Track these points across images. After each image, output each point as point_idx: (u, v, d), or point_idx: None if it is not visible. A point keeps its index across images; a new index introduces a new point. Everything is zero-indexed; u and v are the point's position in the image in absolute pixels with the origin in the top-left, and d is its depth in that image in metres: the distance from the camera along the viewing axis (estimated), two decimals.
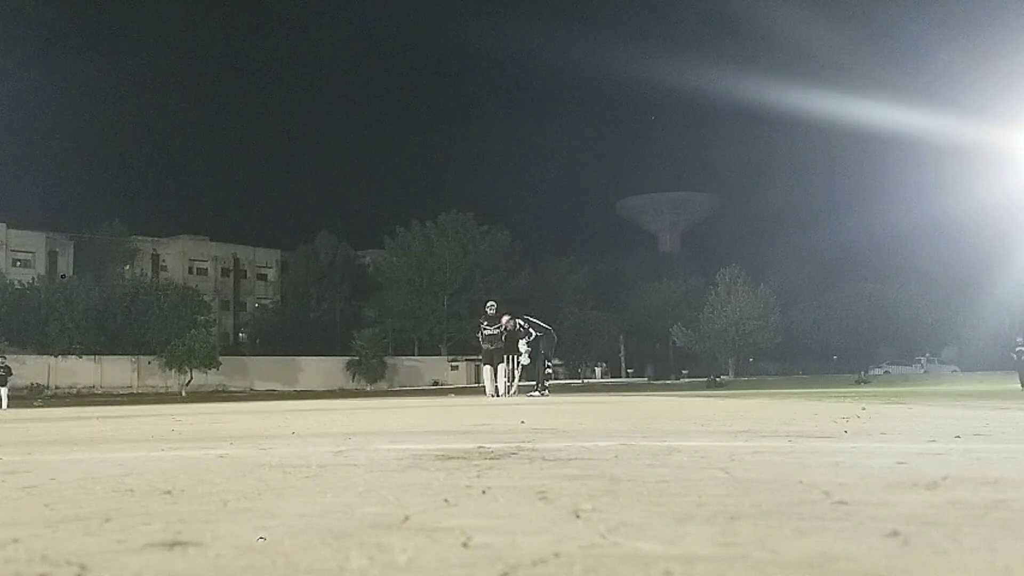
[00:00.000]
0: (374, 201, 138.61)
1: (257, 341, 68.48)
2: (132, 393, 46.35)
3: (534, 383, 16.38)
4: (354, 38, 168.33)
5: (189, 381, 48.91)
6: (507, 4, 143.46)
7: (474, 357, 52.14)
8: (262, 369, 55.66)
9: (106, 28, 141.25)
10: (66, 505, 1.85)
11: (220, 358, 51.23)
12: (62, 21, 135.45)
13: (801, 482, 1.99)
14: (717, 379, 47.64)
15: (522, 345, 16.44)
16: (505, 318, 16.64)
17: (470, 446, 3.28)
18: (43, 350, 49.51)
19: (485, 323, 16.85)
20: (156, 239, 69.83)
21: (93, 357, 50.58)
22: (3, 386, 24.38)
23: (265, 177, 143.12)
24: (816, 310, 63.59)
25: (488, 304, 17.52)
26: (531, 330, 16.56)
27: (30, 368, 46.37)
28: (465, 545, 1.31)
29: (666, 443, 3.30)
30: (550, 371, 16.76)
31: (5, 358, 27.21)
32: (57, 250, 64.15)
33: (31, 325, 49.62)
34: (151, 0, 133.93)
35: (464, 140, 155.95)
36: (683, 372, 64.63)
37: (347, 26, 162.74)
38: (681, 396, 16.66)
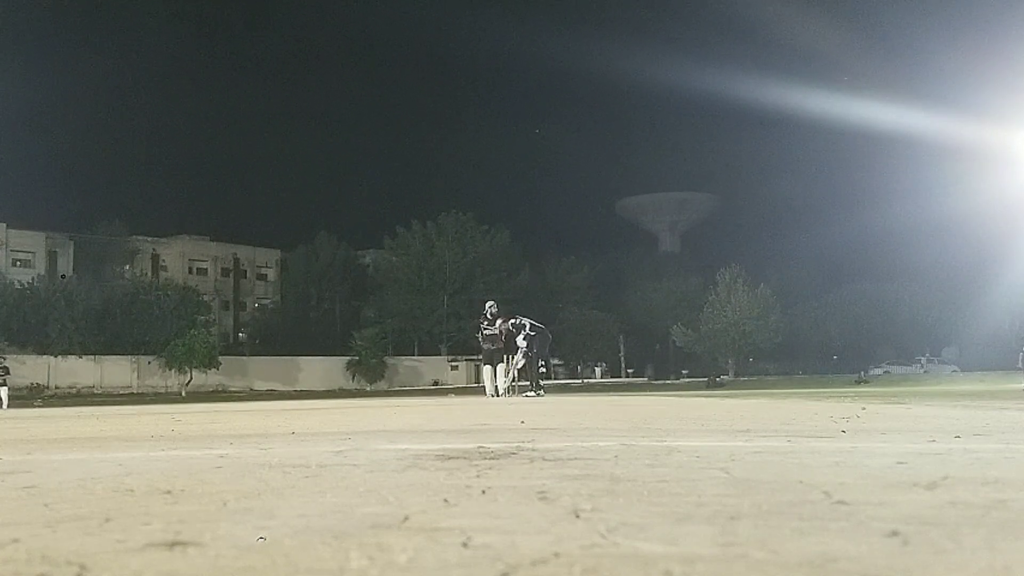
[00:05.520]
0: (374, 201, 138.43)
1: (257, 341, 68.46)
2: (132, 393, 46.36)
3: (529, 383, 16.41)
4: (354, 38, 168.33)
5: (189, 381, 48.91)
6: (507, 4, 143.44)
7: (474, 357, 52.13)
8: (262, 369, 55.67)
9: (106, 28, 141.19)
10: (66, 505, 1.85)
11: (220, 358, 51.24)
12: (62, 21, 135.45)
13: (801, 482, 1.99)
14: (717, 379, 47.68)
15: (520, 340, 16.45)
16: (499, 321, 16.66)
17: (470, 446, 3.28)
18: (43, 350, 49.51)
19: (485, 323, 16.87)
20: (156, 239, 69.78)
21: (93, 357, 50.59)
22: (3, 386, 24.46)
23: (265, 177, 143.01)
24: (816, 310, 63.55)
25: (488, 304, 17.55)
26: (524, 323, 16.61)
27: (30, 368, 46.41)
28: (465, 545, 1.31)
29: (666, 443, 3.30)
30: (543, 370, 16.76)
31: (5, 358, 27.24)
32: (57, 250, 64.11)
33: (31, 325, 49.61)
34: (151, 0, 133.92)
35: (464, 140, 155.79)
36: (683, 372, 64.62)
37: (347, 26, 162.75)
38: (681, 396, 16.67)
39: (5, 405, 23.21)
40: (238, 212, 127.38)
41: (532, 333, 16.67)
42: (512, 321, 16.70)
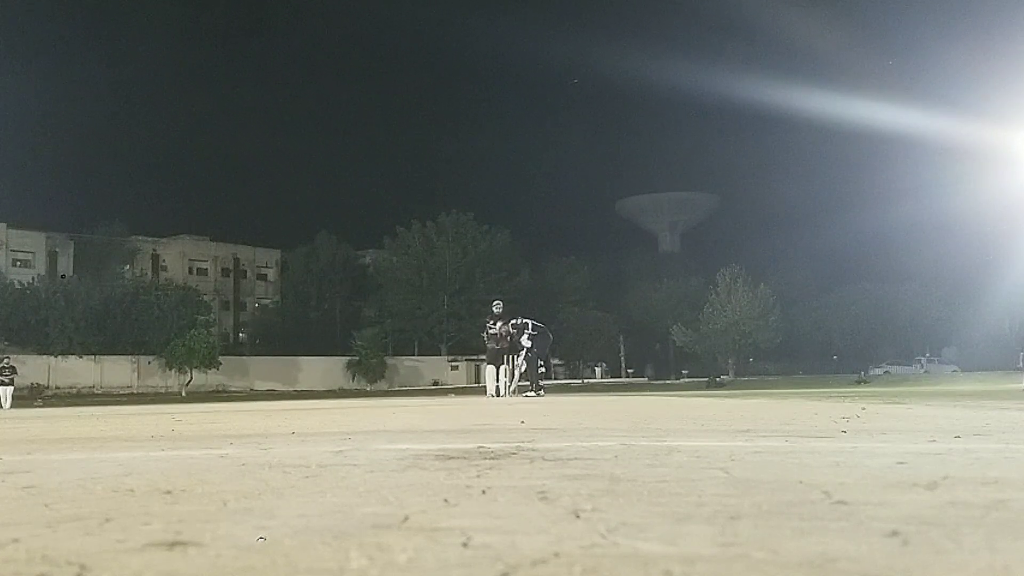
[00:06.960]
0: (374, 201, 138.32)
1: (257, 341, 68.48)
2: (132, 393, 46.37)
3: (529, 383, 16.42)
4: (353, 38, 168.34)
5: (189, 381, 48.91)
6: (507, 4, 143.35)
7: (474, 357, 52.18)
8: (262, 369, 55.67)
9: (106, 28, 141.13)
10: (66, 505, 1.85)
11: (220, 358, 51.24)
12: (62, 21, 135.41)
13: (801, 482, 1.99)
14: (717, 379, 47.70)
15: (524, 340, 16.44)
16: (499, 324, 16.65)
17: (470, 446, 3.28)
18: (43, 350, 49.50)
19: (491, 322, 16.83)
20: (156, 239, 69.79)
21: (93, 357, 50.58)
22: (10, 386, 24.61)
23: (265, 177, 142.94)
24: (816, 310, 63.56)
25: (495, 304, 17.52)
26: (528, 322, 16.64)
27: (30, 368, 46.37)
28: (465, 545, 1.31)
29: (666, 443, 3.30)
30: (543, 370, 16.77)
31: (10, 358, 27.39)
32: (57, 250, 64.11)
33: (31, 325, 49.61)
34: (151, 0, 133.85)
35: (464, 140, 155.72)
36: (683, 372, 64.64)
37: (346, 26, 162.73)
38: (681, 396, 16.67)
39: (7, 405, 23.26)
40: (238, 212, 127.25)
41: (535, 332, 16.69)
42: (513, 322, 16.70)
